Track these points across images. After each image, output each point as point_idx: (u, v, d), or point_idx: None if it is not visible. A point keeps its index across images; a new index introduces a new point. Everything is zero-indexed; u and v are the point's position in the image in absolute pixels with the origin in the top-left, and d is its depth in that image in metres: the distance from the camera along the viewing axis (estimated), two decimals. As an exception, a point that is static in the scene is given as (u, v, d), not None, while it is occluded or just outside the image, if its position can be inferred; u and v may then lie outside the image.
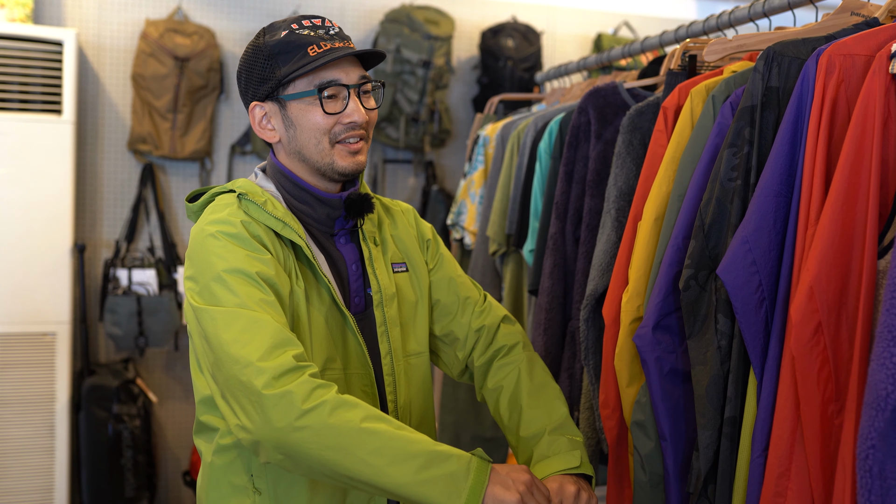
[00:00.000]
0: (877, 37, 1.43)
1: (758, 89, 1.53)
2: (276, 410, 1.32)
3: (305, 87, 1.53)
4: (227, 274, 1.42)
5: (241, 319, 1.39)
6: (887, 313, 1.19)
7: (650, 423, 1.68)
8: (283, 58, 1.52)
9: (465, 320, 1.74)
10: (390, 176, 4.16)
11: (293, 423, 1.31)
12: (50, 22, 3.64)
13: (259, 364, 1.34)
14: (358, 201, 1.61)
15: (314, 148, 1.55)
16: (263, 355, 1.35)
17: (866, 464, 1.19)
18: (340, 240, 1.63)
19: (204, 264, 1.46)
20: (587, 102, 2.27)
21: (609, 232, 1.98)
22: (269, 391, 1.32)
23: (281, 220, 1.52)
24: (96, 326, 3.73)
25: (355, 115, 1.54)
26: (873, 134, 1.32)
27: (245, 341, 1.36)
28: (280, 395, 1.32)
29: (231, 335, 1.37)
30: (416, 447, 1.34)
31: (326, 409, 1.32)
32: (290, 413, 1.31)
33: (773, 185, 1.45)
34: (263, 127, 1.59)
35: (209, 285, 1.43)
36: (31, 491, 3.34)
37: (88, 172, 3.74)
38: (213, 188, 1.62)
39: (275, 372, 1.33)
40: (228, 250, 1.46)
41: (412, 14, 3.85)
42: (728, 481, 1.54)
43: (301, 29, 1.53)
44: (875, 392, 1.18)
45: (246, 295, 1.41)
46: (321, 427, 1.31)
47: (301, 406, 1.31)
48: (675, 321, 1.63)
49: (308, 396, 1.32)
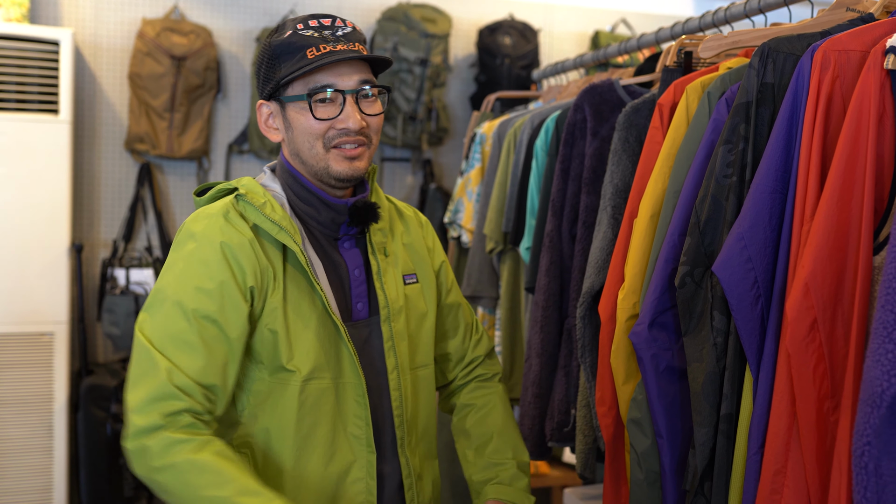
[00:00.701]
0: (872, 32, 1.43)
1: (753, 85, 1.53)
2: (135, 461, 1.40)
3: (300, 90, 1.51)
4: (168, 303, 1.45)
5: (145, 359, 1.43)
6: (882, 309, 1.19)
7: (646, 421, 1.67)
8: (284, 59, 1.51)
9: (464, 345, 1.81)
10: (388, 174, 4.16)
11: (147, 476, 1.40)
12: (46, 21, 3.64)
13: (131, 415, 1.40)
14: (363, 209, 1.57)
15: (308, 151, 1.53)
16: (139, 406, 1.40)
17: (862, 460, 1.19)
18: (344, 244, 1.60)
19: (165, 272, 1.49)
20: (583, 100, 2.27)
21: (605, 229, 1.97)
22: (130, 444, 1.40)
23: (277, 223, 1.50)
24: (94, 326, 3.73)
25: (349, 121, 1.50)
26: (868, 130, 1.32)
27: (136, 382, 1.42)
28: (137, 450, 1.39)
29: (134, 372, 1.43)
30: None
31: (174, 472, 1.37)
32: (144, 466, 1.39)
33: (768, 182, 1.45)
34: (269, 126, 1.60)
35: (154, 304, 1.47)
36: (30, 491, 3.33)
37: (86, 172, 3.74)
38: (220, 184, 1.61)
39: (140, 426, 1.38)
40: (184, 274, 1.47)
41: (409, 12, 3.84)
42: (724, 478, 1.54)
43: (305, 29, 1.52)
44: (870, 389, 1.18)
45: (169, 330, 1.44)
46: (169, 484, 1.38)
47: (152, 463, 1.38)
48: (670, 318, 1.63)
49: (162, 453, 1.37)
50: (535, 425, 2.34)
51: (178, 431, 1.38)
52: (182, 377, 1.41)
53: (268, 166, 1.65)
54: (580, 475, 2.10)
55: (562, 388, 2.24)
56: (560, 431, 2.24)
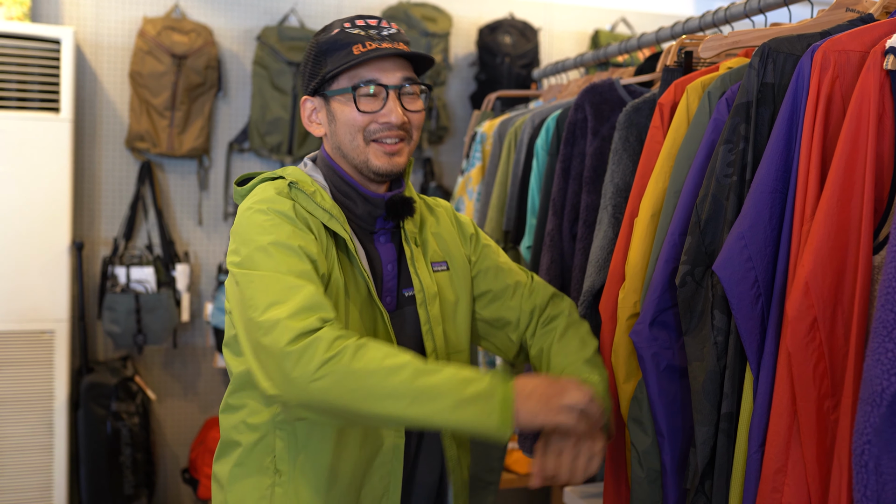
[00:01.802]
0: (871, 33, 1.43)
1: (753, 85, 1.53)
2: (298, 365, 1.34)
3: (345, 84, 1.58)
4: (271, 246, 1.46)
5: (278, 283, 1.42)
6: (882, 308, 1.20)
7: (647, 419, 1.68)
8: (331, 55, 1.58)
9: (516, 303, 1.77)
10: (388, 173, 4.16)
11: (314, 374, 1.34)
12: (48, 20, 3.64)
13: (288, 322, 1.37)
14: (400, 203, 1.63)
15: (349, 144, 1.59)
16: (293, 314, 1.37)
17: (862, 459, 1.20)
18: (380, 238, 1.65)
19: (249, 237, 1.50)
20: (584, 99, 2.27)
21: (606, 228, 1.98)
22: (291, 347, 1.35)
23: (328, 211, 1.56)
24: (95, 324, 3.73)
25: (392, 115, 1.56)
26: (868, 130, 1.33)
27: (279, 303, 1.39)
28: (303, 349, 1.35)
29: (267, 298, 1.40)
30: (438, 379, 1.35)
31: (348, 355, 1.34)
32: (310, 365, 1.34)
33: (768, 181, 1.45)
34: (312, 120, 1.66)
35: (252, 255, 1.47)
36: (30, 489, 3.34)
37: (86, 170, 3.74)
38: (263, 174, 1.64)
39: (301, 330, 1.36)
40: (275, 224, 1.49)
41: (410, 11, 3.85)
42: (725, 477, 1.54)
43: (353, 28, 1.58)
44: (871, 387, 1.18)
45: (286, 264, 1.44)
46: (344, 372, 1.34)
47: (323, 356, 1.34)
48: (671, 317, 1.64)
49: (330, 346, 1.35)
50: (535, 424, 2.34)
51: (334, 331, 1.37)
52: (320, 297, 1.42)
53: (308, 157, 1.70)
54: (580, 473, 2.10)
55: (562, 386, 2.24)
56: (560, 430, 2.24)
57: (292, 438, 1.55)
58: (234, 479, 1.59)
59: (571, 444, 1.47)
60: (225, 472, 1.61)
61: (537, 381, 1.42)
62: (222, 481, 1.62)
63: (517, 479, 3.70)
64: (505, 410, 1.36)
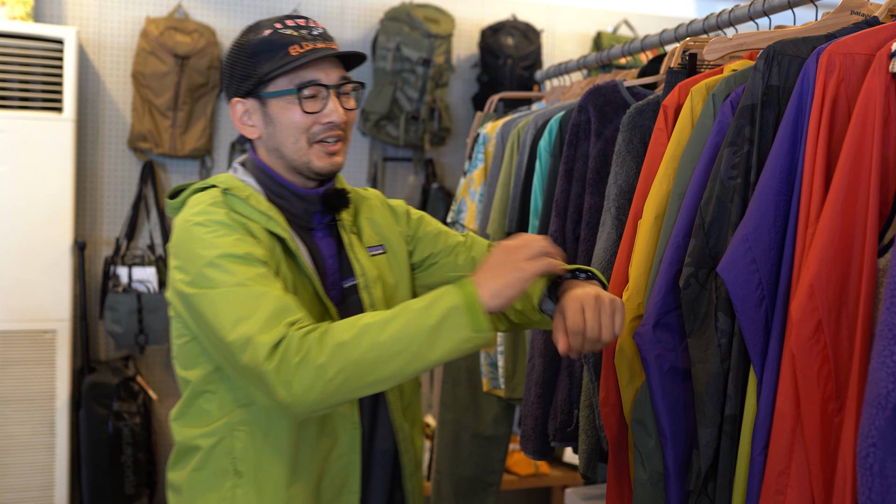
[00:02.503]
0: (877, 35, 1.43)
1: (758, 88, 1.53)
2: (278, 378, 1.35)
3: (285, 85, 1.56)
4: (219, 259, 1.44)
5: (239, 297, 1.41)
6: (887, 311, 1.20)
7: (650, 421, 1.68)
8: (265, 56, 1.56)
9: (459, 260, 1.78)
10: (390, 174, 4.17)
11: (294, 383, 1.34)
12: (50, 20, 3.64)
13: (259, 338, 1.36)
14: (334, 197, 1.64)
15: (292, 146, 1.58)
16: (262, 328, 1.37)
17: (867, 462, 1.20)
18: (318, 234, 1.66)
19: (192, 253, 1.47)
20: (587, 101, 2.27)
21: (609, 230, 1.98)
22: (269, 365, 1.35)
23: (265, 213, 1.55)
24: (96, 324, 3.73)
25: (333, 115, 1.57)
26: (873, 132, 1.33)
27: (246, 317, 1.38)
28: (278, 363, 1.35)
29: (232, 315, 1.39)
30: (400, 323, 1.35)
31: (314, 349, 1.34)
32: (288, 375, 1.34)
33: (773, 184, 1.45)
34: (244, 123, 1.63)
35: (203, 272, 1.44)
36: (32, 488, 3.34)
37: (89, 170, 3.74)
38: (195, 184, 1.63)
39: (272, 343, 1.36)
40: (216, 235, 1.47)
41: (412, 12, 3.85)
42: (728, 479, 1.55)
43: (285, 28, 1.57)
44: (875, 390, 1.18)
45: (241, 274, 1.43)
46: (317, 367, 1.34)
47: (294, 359, 1.34)
48: (675, 319, 1.64)
49: (298, 349, 1.35)
50: (537, 425, 2.34)
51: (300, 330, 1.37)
52: (284, 298, 1.42)
53: (237, 162, 1.69)
54: (583, 475, 2.10)
55: (565, 388, 2.25)
56: (563, 431, 2.24)
57: (251, 439, 1.55)
58: (193, 485, 1.59)
59: (592, 300, 1.42)
60: (182, 479, 1.61)
61: (489, 261, 1.40)
62: (180, 488, 1.62)
63: (517, 480, 3.70)
64: (474, 312, 1.34)
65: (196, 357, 1.57)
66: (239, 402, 1.55)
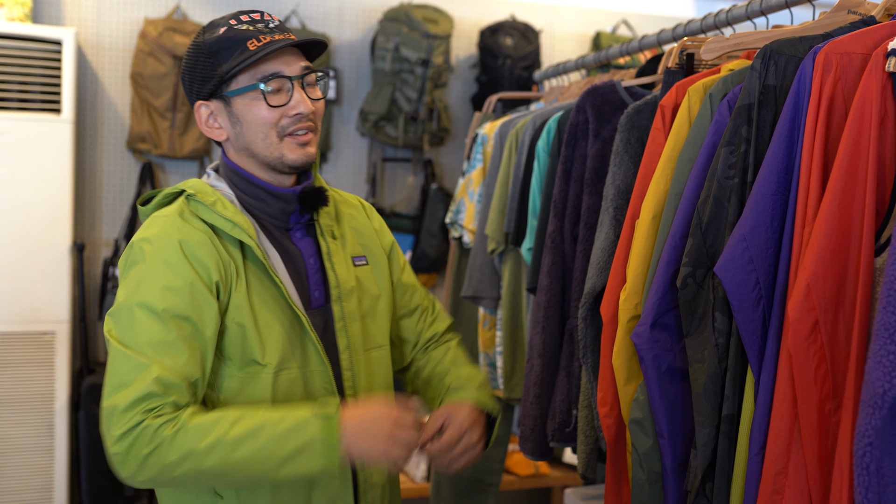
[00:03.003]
0: (873, 35, 1.43)
1: (755, 87, 1.53)
2: (123, 466, 1.40)
3: (248, 81, 1.53)
4: (138, 308, 1.45)
5: (128, 363, 1.42)
6: (884, 311, 1.20)
7: (648, 421, 1.68)
8: (224, 54, 1.52)
9: (420, 327, 1.82)
10: (389, 174, 4.17)
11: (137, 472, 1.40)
12: (49, 21, 3.65)
13: (121, 415, 1.39)
14: (312, 194, 1.61)
15: (262, 143, 1.55)
16: (128, 406, 1.39)
17: (863, 461, 1.19)
18: (297, 234, 1.63)
19: (127, 288, 1.48)
20: (585, 101, 2.27)
21: (607, 230, 1.98)
22: (116, 448, 1.39)
23: (230, 220, 1.52)
24: (95, 325, 3.73)
25: (300, 106, 1.54)
26: (870, 132, 1.33)
27: (124, 385, 1.41)
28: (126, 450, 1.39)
29: (115, 379, 1.42)
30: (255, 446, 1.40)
31: (164, 445, 1.38)
32: (133, 465, 1.39)
33: (770, 183, 1.45)
34: (210, 126, 1.60)
35: (121, 315, 1.46)
36: (31, 490, 3.34)
37: (88, 171, 3.74)
38: (165, 190, 1.61)
39: (127, 425, 1.38)
40: (147, 277, 1.47)
41: (411, 13, 3.85)
42: (726, 479, 1.54)
43: (240, 24, 1.54)
44: (872, 389, 1.18)
45: (146, 335, 1.43)
46: (163, 466, 1.39)
47: (143, 451, 1.38)
48: (672, 319, 1.64)
49: (151, 439, 1.38)
50: (536, 426, 2.34)
51: (158, 418, 1.40)
52: (168, 375, 1.42)
53: (210, 167, 1.67)
54: (581, 475, 2.10)
55: (563, 388, 2.25)
56: (561, 432, 2.24)
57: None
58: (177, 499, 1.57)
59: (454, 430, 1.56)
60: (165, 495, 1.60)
61: (366, 415, 1.46)
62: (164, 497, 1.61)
63: (517, 480, 3.70)
64: (330, 453, 1.42)
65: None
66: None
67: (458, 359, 1.80)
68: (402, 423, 1.47)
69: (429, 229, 4.01)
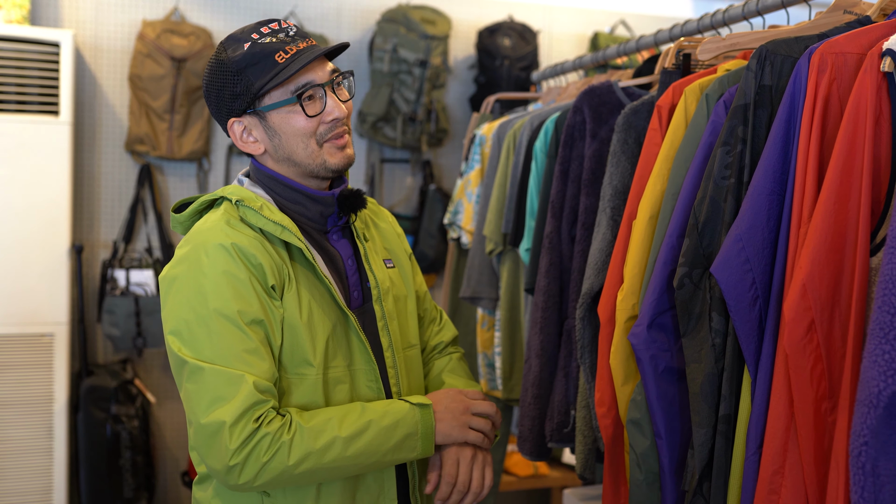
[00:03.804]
0: (868, 35, 1.43)
1: (751, 87, 1.54)
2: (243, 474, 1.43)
3: (282, 95, 1.54)
4: (214, 318, 1.45)
5: (220, 377, 1.43)
6: (879, 310, 1.20)
7: (646, 422, 1.68)
8: (253, 70, 1.52)
9: (426, 335, 1.87)
10: (388, 175, 4.17)
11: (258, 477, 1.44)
12: (47, 23, 3.65)
13: (230, 430, 1.42)
14: (350, 197, 1.64)
15: (303, 152, 1.57)
16: (236, 420, 1.42)
17: (859, 460, 1.20)
18: (333, 236, 1.65)
19: (185, 299, 1.48)
20: (582, 101, 2.27)
21: (604, 231, 1.98)
22: (235, 460, 1.42)
23: (279, 223, 1.53)
24: (94, 327, 3.73)
25: (335, 111, 1.56)
26: (865, 132, 1.33)
27: (223, 400, 1.43)
28: (244, 459, 1.42)
29: (210, 395, 1.43)
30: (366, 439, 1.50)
31: (283, 451, 1.44)
32: (253, 471, 1.43)
33: (766, 184, 1.45)
34: (245, 141, 1.60)
35: (195, 332, 1.46)
36: (30, 492, 3.34)
37: (86, 173, 3.74)
38: (202, 197, 1.62)
39: (242, 438, 1.42)
40: (212, 287, 1.47)
41: (409, 14, 3.85)
42: (723, 479, 1.55)
43: (262, 37, 1.53)
44: (867, 389, 1.19)
45: (229, 346, 1.45)
46: (283, 469, 1.44)
47: (262, 459, 1.43)
48: (669, 319, 1.64)
49: (269, 447, 1.43)
50: (534, 426, 2.34)
51: (271, 424, 1.44)
52: (261, 381, 1.45)
53: (242, 174, 1.68)
54: (580, 476, 2.10)
55: (561, 388, 2.25)
56: (560, 432, 2.24)
57: None
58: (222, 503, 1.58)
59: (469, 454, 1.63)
60: (208, 498, 1.61)
61: (448, 399, 1.63)
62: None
63: (517, 481, 3.70)
64: (427, 441, 1.57)
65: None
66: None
67: (457, 370, 1.84)
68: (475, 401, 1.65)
69: (427, 230, 4.01)
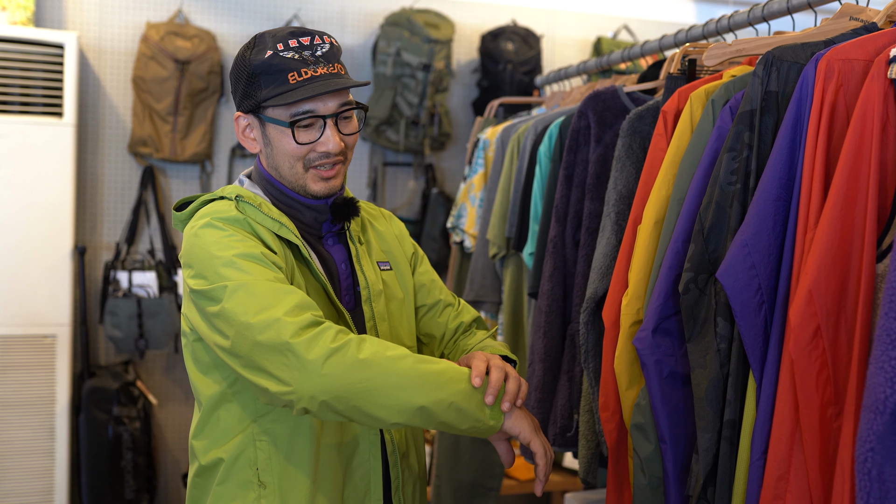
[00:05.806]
0: (875, 42, 1.43)
1: (757, 93, 1.54)
2: (308, 352, 1.36)
3: (280, 115, 1.55)
4: (238, 258, 1.45)
5: (262, 288, 1.42)
6: (886, 316, 1.20)
7: (650, 426, 1.68)
8: (265, 80, 1.54)
9: (444, 320, 1.81)
10: (390, 179, 4.17)
11: (325, 363, 1.36)
12: (51, 25, 3.65)
13: (285, 318, 1.38)
14: (343, 206, 1.65)
15: (288, 170, 1.59)
16: (289, 312, 1.39)
17: (865, 466, 1.20)
18: (328, 241, 1.67)
19: (209, 255, 1.47)
20: (587, 106, 2.27)
21: (609, 235, 1.98)
22: (296, 339, 1.36)
23: (277, 220, 1.56)
24: (96, 329, 3.73)
25: (329, 144, 1.56)
26: (872, 138, 1.33)
27: (270, 305, 1.40)
28: (309, 340, 1.37)
29: (256, 304, 1.40)
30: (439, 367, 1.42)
31: (353, 346, 1.38)
32: (321, 352, 1.36)
33: (772, 189, 1.45)
34: (246, 136, 1.64)
35: (221, 272, 1.45)
36: (32, 493, 3.34)
37: (89, 175, 3.74)
38: (202, 196, 1.63)
39: (301, 324, 1.38)
40: (233, 238, 1.49)
41: (412, 17, 3.86)
42: (727, 484, 1.55)
43: (286, 51, 1.53)
44: (874, 395, 1.19)
45: (262, 274, 1.44)
46: (352, 362, 1.37)
47: (330, 345, 1.36)
48: (674, 324, 1.64)
49: (335, 337, 1.38)
50: (537, 430, 2.34)
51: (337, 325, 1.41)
52: (307, 299, 1.44)
53: (244, 174, 1.70)
54: (583, 480, 2.10)
55: (565, 393, 2.25)
56: (563, 436, 2.24)
57: (273, 448, 1.54)
58: (217, 499, 1.57)
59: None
60: (206, 495, 1.60)
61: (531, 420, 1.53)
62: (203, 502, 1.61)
63: (518, 484, 3.70)
64: (499, 413, 1.45)
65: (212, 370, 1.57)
66: (258, 413, 1.54)
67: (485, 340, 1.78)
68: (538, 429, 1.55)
69: (430, 234, 4.01)
